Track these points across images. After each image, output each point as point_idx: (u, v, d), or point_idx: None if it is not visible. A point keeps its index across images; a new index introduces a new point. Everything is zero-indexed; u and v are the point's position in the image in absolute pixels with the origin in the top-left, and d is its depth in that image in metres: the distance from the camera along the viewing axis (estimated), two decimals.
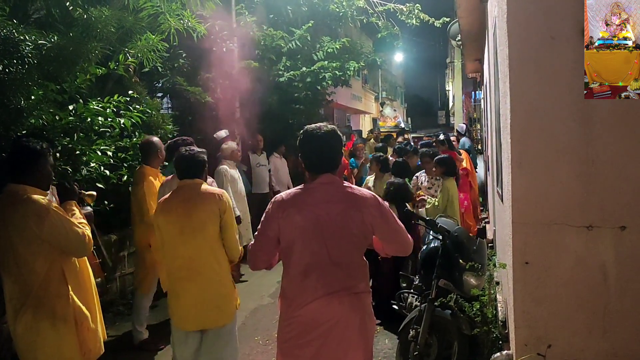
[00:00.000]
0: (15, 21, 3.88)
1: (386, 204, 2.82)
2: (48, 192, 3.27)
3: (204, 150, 3.95)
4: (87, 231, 3.25)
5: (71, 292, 3.17)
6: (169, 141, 5.29)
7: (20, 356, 3.13)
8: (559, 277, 3.02)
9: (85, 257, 3.41)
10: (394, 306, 5.02)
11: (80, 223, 3.24)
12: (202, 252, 3.70)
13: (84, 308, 3.24)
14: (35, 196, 3.07)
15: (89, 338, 3.26)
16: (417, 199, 6.57)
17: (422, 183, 7.08)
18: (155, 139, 5.11)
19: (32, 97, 4.06)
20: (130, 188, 5.11)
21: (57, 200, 3.46)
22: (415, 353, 4.12)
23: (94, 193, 3.93)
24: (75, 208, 3.38)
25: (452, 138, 9.82)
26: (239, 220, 7.01)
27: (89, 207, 3.87)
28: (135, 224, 5.09)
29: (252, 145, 9.41)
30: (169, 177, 4.78)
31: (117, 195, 5.35)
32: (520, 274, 3.10)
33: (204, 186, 3.80)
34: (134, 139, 5.66)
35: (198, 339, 3.79)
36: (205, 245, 3.70)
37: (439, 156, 6.71)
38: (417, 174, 7.27)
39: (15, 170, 3.11)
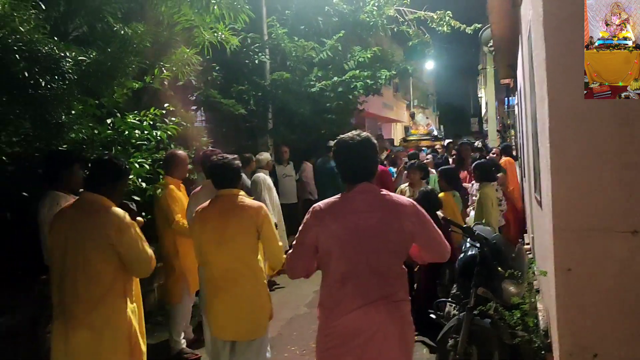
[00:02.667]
0: (56, 38, 4.00)
1: (424, 210, 2.80)
2: None
3: (236, 156, 3.94)
4: (152, 253, 3.31)
5: (129, 309, 3.22)
6: (201, 153, 5.40)
7: None
8: (603, 284, 2.94)
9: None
10: (432, 315, 4.95)
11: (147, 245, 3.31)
12: (237, 263, 3.69)
13: (137, 325, 3.30)
14: (118, 209, 3.17)
15: (137, 352, 3.30)
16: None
17: None
18: (180, 152, 5.24)
19: (72, 112, 4.17)
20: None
21: None
22: None
23: (142, 220, 3.98)
24: (139, 229, 3.41)
25: (494, 151, 9.64)
26: (275, 226, 7.09)
27: None
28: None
29: (278, 156, 9.48)
30: (198, 188, 4.84)
31: (153, 208, 5.44)
32: (563, 281, 3.03)
33: (242, 197, 3.78)
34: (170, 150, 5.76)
35: (230, 349, 3.79)
36: (241, 257, 3.69)
37: (477, 161, 6.63)
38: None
39: (95, 181, 3.22)
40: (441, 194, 6.22)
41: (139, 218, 3.93)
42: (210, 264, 3.76)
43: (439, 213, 5.66)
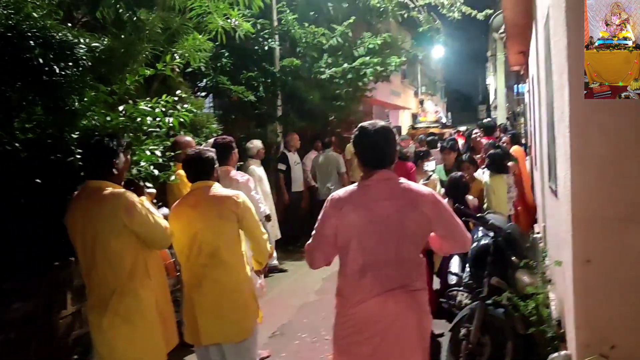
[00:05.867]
0: (69, 24, 3.97)
1: (444, 200, 2.78)
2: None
3: (210, 148, 3.84)
4: (167, 223, 3.36)
5: (153, 283, 3.27)
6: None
7: (104, 350, 3.19)
8: (623, 275, 2.91)
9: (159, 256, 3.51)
10: (443, 304, 4.94)
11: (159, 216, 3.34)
12: (215, 260, 3.52)
13: (164, 298, 3.38)
14: (122, 190, 3.20)
15: (170, 326, 3.38)
16: None
17: None
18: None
19: (85, 99, 4.14)
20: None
21: None
22: (466, 352, 4.05)
23: (154, 191, 3.99)
24: (149, 204, 3.43)
25: (505, 139, 9.61)
26: (269, 218, 7.11)
27: None
28: None
29: (288, 143, 9.43)
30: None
31: (165, 194, 5.43)
32: (581, 272, 3.00)
33: (216, 188, 3.63)
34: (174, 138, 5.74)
35: (219, 354, 3.60)
36: (220, 252, 3.52)
37: (491, 152, 6.57)
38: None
39: (93, 168, 3.24)
40: (489, 179, 6.21)
41: (149, 190, 3.93)
42: (187, 260, 3.61)
43: (468, 198, 5.63)
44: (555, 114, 3.84)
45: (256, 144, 7.87)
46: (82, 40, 3.80)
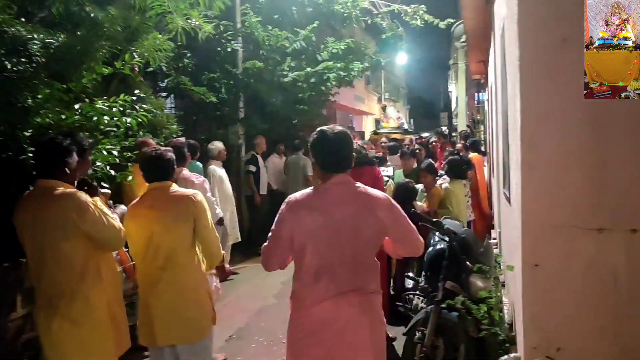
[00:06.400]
0: (23, 20, 3.87)
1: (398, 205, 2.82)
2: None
3: (170, 148, 3.78)
4: (121, 225, 3.30)
5: (105, 285, 3.21)
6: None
7: (53, 354, 3.12)
8: (569, 280, 3.01)
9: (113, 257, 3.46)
10: (400, 308, 5.00)
11: (112, 217, 3.27)
12: (172, 261, 3.47)
13: (117, 301, 3.33)
14: (73, 190, 3.13)
15: (122, 329, 3.33)
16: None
17: None
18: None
19: (39, 96, 4.05)
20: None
21: None
22: (421, 355, 4.10)
23: (108, 191, 3.92)
24: (102, 204, 3.36)
25: (459, 146, 9.86)
26: (221, 222, 7.08)
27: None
28: None
29: (258, 146, 9.41)
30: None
31: (121, 196, 5.34)
32: (530, 276, 3.09)
33: (174, 188, 3.60)
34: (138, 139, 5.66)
35: (172, 356, 3.55)
36: (176, 253, 3.48)
37: (450, 158, 6.70)
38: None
39: (44, 167, 3.16)
40: (448, 184, 6.29)
41: (103, 190, 3.86)
42: (142, 262, 3.56)
43: (417, 204, 5.73)
44: (510, 123, 3.94)
45: (218, 145, 7.86)
46: (36, 36, 3.71)
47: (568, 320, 3.03)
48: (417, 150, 9.72)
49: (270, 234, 2.77)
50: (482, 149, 11.55)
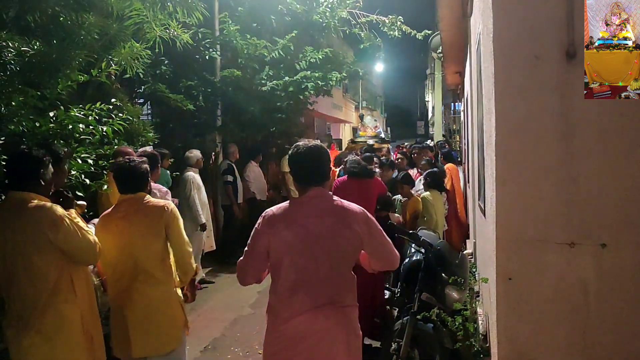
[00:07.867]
0: None
1: (373, 219, 2.84)
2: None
3: (144, 159, 3.76)
4: (96, 238, 3.23)
5: (79, 300, 3.14)
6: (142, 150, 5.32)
7: None
8: (541, 293, 3.06)
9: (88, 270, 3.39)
10: (375, 319, 5.02)
11: (87, 231, 3.21)
12: (144, 272, 3.47)
13: (91, 315, 3.25)
14: (48, 203, 3.05)
15: (97, 343, 3.26)
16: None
17: None
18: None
19: (13, 104, 3.99)
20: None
21: None
22: None
23: (84, 203, 3.86)
24: (77, 216, 3.31)
25: (431, 154, 10.01)
26: (204, 227, 7.19)
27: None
28: None
29: (232, 154, 9.40)
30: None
31: (96, 205, 5.27)
32: (503, 289, 3.13)
33: (147, 198, 3.59)
34: (115, 147, 5.59)
35: None
36: (148, 265, 3.48)
37: (428, 170, 6.79)
38: None
39: (17, 179, 3.09)
40: (427, 194, 6.34)
41: (79, 202, 3.79)
42: (114, 273, 3.54)
43: (393, 215, 5.78)
44: (485, 137, 4.00)
45: (196, 153, 7.94)
46: (10, 44, 3.66)
47: (540, 333, 3.07)
48: (399, 160, 9.81)
49: (246, 249, 2.77)
50: (459, 159, 11.70)
